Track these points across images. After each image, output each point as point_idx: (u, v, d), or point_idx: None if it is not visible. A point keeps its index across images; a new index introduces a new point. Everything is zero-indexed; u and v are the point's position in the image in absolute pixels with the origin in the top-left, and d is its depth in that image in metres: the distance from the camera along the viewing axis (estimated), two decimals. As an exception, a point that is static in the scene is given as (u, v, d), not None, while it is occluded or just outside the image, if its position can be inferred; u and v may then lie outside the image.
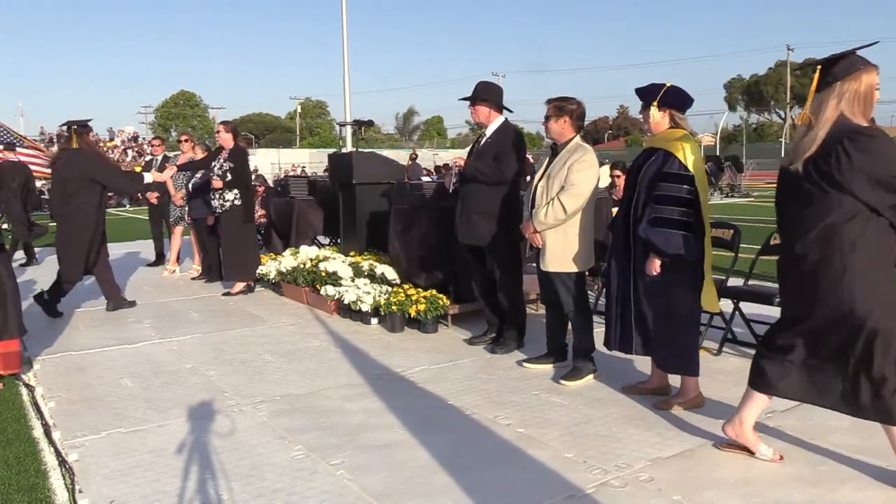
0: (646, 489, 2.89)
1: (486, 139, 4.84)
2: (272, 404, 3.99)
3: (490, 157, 4.73)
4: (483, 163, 4.73)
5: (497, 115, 4.85)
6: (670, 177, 3.63)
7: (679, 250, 3.56)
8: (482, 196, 4.73)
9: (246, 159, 7.27)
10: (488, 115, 4.82)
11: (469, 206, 4.78)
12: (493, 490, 2.90)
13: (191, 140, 8.91)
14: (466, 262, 5.09)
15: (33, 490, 2.99)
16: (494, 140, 4.79)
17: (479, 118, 4.86)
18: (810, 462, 3.12)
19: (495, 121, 4.84)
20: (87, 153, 6.34)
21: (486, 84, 4.91)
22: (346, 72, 16.16)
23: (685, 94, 3.82)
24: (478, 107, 4.82)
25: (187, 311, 6.53)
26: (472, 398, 4.03)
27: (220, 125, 7.38)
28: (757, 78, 65.15)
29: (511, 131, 4.84)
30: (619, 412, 3.78)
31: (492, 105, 4.81)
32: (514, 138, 4.80)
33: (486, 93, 4.83)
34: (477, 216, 4.74)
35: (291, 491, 2.93)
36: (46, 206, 25.55)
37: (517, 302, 4.99)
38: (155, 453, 3.33)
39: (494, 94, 4.86)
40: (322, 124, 75.50)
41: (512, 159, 4.72)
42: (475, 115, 4.87)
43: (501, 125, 4.85)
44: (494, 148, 4.75)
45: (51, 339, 5.56)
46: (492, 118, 4.83)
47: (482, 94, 4.81)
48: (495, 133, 4.81)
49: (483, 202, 4.72)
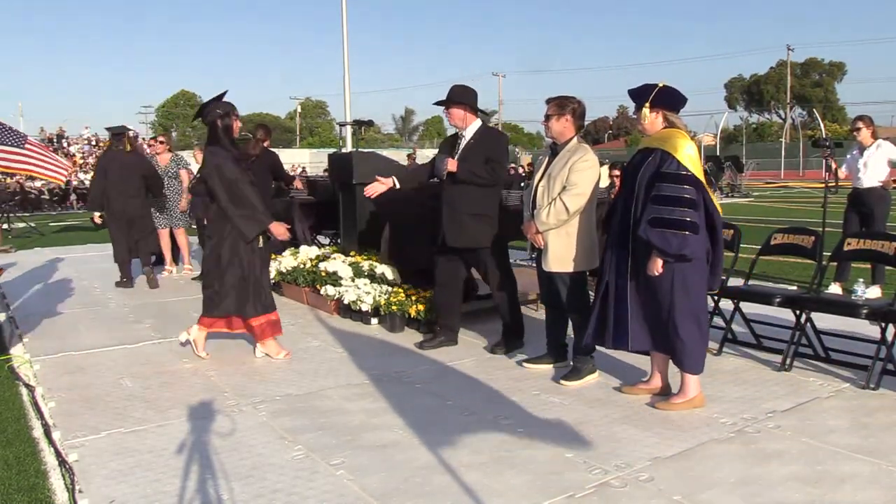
0: (646, 489, 2.89)
1: (468, 141, 4.84)
2: (272, 404, 3.99)
3: (479, 160, 4.74)
4: (477, 165, 4.74)
5: (473, 117, 4.86)
6: (669, 177, 3.63)
7: (680, 250, 3.56)
8: (473, 198, 4.73)
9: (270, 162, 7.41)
10: (464, 117, 4.82)
11: (460, 209, 4.77)
12: (493, 490, 2.90)
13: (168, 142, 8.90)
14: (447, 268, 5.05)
15: (33, 490, 2.99)
16: (478, 142, 4.80)
17: (454, 121, 4.87)
18: (810, 462, 3.12)
19: (472, 123, 4.85)
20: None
21: (461, 87, 4.90)
22: (347, 72, 16.14)
23: (677, 93, 3.82)
24: (453, 109, 4.82)
25: (187, 311, 6.53)
26: (472, 398, 4.02)
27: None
28: (757, 78, 65.17)
29: (495, 133, 4.91)
30: (619, 412, 3.78)
31: (467, 108, 4.82)
32: (502, 141, 4.90)
33: (462, 96, 4.83)
34: (469, 218, 4.75)
35: (291, 491, 2.93)
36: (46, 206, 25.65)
37: (515, 302, 5.01)
38: (155, 453, 3.32)
39: (469, 96, 4.86)
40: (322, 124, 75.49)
41: (505, 162, 4.83)
42: (451, 117, 4.87)
43: (482, 127, 4.88)
44: (481, 150, 4.76)
45: (51, 339, 5.56)
46: (468, 120, 4.84)
47: (458, 97, 4.82)
48: (477, 135, 4.83)
49: (475, 204, 4.73)
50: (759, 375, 4.37)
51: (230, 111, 4.70)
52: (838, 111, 60.20)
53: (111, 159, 7.91)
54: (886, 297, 5.23)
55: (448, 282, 5.07)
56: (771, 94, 63.02)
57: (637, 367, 4.40)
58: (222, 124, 4.66)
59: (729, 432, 3.47)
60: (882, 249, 4.48)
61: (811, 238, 4.81)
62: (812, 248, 4.78)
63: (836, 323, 4.74)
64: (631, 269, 3.83)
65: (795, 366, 4.45)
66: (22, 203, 22.29)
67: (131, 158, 7.90)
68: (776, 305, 4.58)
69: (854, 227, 6.72)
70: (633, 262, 3.82)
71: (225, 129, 4.66)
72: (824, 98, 60.72)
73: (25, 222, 16.60)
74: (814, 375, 4.34)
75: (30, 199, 24.28)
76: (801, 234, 4.92)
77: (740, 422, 3.60)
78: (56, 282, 8.37)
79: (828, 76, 62.34)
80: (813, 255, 4.77)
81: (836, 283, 6.61)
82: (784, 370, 4.41)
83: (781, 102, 61.68)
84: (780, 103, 62.18)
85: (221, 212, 4.62)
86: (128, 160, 7.83)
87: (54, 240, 13.98)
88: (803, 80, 61.88)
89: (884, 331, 4.11)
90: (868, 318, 4.18)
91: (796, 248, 4.90)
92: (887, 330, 4.10)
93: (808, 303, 4.48)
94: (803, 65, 62.16)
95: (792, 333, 4.50)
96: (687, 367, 3.75)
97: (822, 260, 4.76)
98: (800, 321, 4.48)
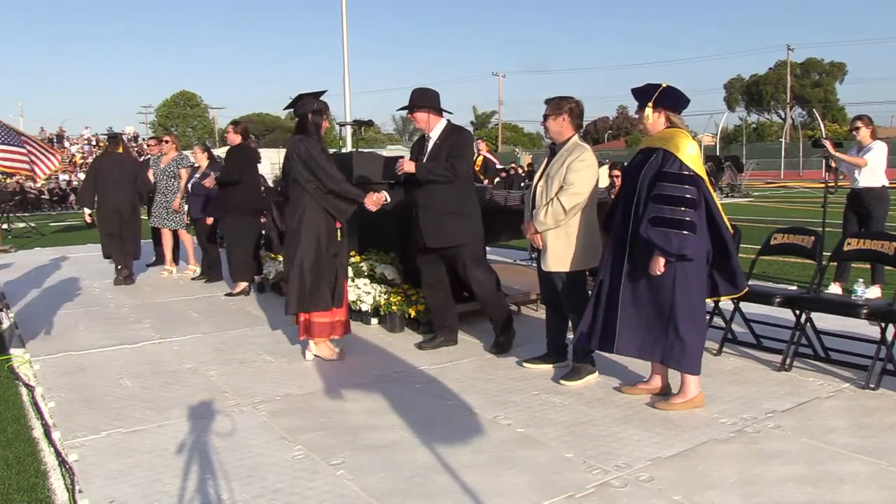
0: (646, 489, 2.90)
1: (435, 142, 4.87)
2: (272, 404, 3.99)
3: (443, 158, 4.77)
4: (435, 163, 4.77)
5: (437, 118, 4.90)
6: (671, 176, 3.63)
7: (681, 249, 3.56)
8: (446, 197, 4.74)
9: (239, 157, 7.14)
10: (427, 119, 4.86)
11: (435, 209, 4.78)
12: (493, 490, 2.90)
13: (174, 141, 8.89)
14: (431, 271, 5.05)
15: (33, 490, 2.99)
16: (444, 141, 4.84)
17: (419, 124, 4.93)
18: (810, 462, 3.12)
19: (437, 124, 4.88)
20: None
21: (422, 90, 4.93)
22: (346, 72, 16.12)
23: (681, 94, 3.83)
24: (416, 114, 4.87)
25: (187, 311, 6.54)
26: (472, 398, 4.03)
27: (230, 126, 7.42)
28: (757, 78, 65.13)
29: (458, 131, 4.92)
30: (619, 412, 3.78)
31: (430, 110, 4.86)
32: (463, 137, 4.89)
33: (422, 99, 4.87)
34: (445, 217, 4.76)
35: (291, 491, 2.93)
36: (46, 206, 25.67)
37: (498, 296, 5.00)
38: (155, 453, 3.32)
39: (430, 99, 4.89)
40: (322, 124, 75.26)
41: (464, 157, 4.82)
42: (416, 122, 4.93)
43: (446, 127, 4.90)
44: (446, 148, 4.81)
45: (51, 339, 5.56)
46: (432, 123, 4.88)
47: (418, 102, 4.85)
48: (443, 134, 4.86)
49: (449, 202, 4.75)
50: (758, 375, 4.37)
51: (323, 110, 4.78)
52: (838, 111, 60.15)
53: (104, 160, 8.43)
54: (886, 297, 5.24)
55: (435, 283, 5.08)
56: (771, 94, 63.01)
57: (637, 368, 4.40)
58: (313, 120, 4.75)
59: (729, 432, 3.47)
60: (882, 249, 4.49)
61: (811, 238, 4.81)
62: (812, 248, 4.79)
63: (836, 323, 4.74)
64: (627, 270, 3.82)
65: (795, 366, 4.46)
66: (22, 203, 22.30)
67: (123, 159, 8.42)
68: (776, 305, 4.59)
69: (853, 227, 6.72)
70: (631, 264, 3.81)
71: (315, 125, 4.75)
72: (824, 98, 60.68)
73: (25, 222, 16.61)
74: (814, 375, 4.34)
75: (30, 199, 24.30)
76: (800, 234, 4.93)
77: (740, 422, 3.60)
78: (56, 282, 8.38)
79: (828, 76, 62.30)
80: (813, 255, 4.78)
81: (836, 284, 6.61)
82: (784, 370, 4.41)
83: (781, 102, 61.67)
84: (780, 103, 62.18)
85: (311, 199, 4.64)
86: (120, 160, 8.29)
87: (54, 240, 13.99)
88: (803, 80, 61.86)
89: (884, 331, 4.11)
90: (868, 318, 4.19)
91: (796, 248, 4.91)
92: (887, 330, 4.10)
93: (808, 303, 4.48)
94: (803, 65, 62.14)
95: (792, 333, 4.50)
96: (687, 367, 3.75)
97: (822, 260, 4.76)
98: (800, 321, 4.48)
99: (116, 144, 8.54)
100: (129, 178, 8.20)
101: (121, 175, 8.09)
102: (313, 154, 4.62)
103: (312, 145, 4.68)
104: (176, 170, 8.45)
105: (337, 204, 4.67)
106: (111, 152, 8.46)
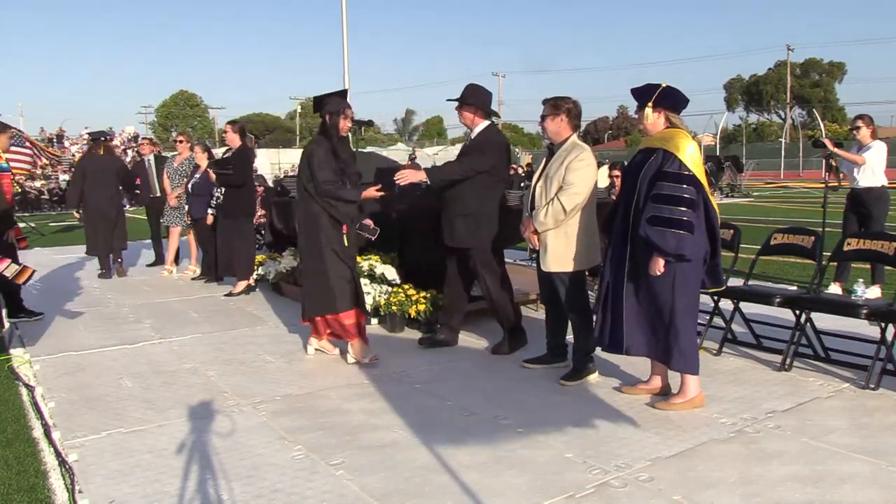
0: (646, 489, 2.90)
1: (469, 142, 4.86)
2: (272, 404, 3.99)
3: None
4: (445, 164, 4.76)
5: (482, 119, 4.82)
6: (670, 176, 3.63)
7: (678, 249, 3.56)
8: (464, 198, 4.74)
9: (247, 160, 7.27)
10: (472, 119, 4.82)
11: (451, 209, 4.80)
12: (492, 490, 2.90)
13: (187, 141, 8.94)
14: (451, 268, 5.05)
15: (33, 490, 2.99)
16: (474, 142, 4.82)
17: (462, 120, 4.90)
18: (810, 462, 3.12)
19: (479, 125, 4.83)
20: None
21: (474, 87, 4.87)
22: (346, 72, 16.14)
23: (680, 94, 3.83)
24: (462, 111, 4.83)
25: (187, 312, 6.53)
26: (472, 398, 4.03)
27: (228, 125, 7.41)
28: (757, 78, 65.15)
29: (492, 134, 4.83)
30: (619, 412, 3.77)
31: (476, 110, 4.80)
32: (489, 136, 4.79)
33: (472, 97, 4.81)
34: (457, 218, 4.77)
35: (291, 491, 2.93)
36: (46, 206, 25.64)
37: (505, 302, 4.96)
38: (155, 453, 3.32)
39: (481, 98, 4.84)
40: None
41: (480, 153, 4.72)
42: (461, 118, 4.89)
43: (485, 128, 4.83)
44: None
45: (51, 339, 5.56)
46: (476, 122, 4.82)
47: (468, 99, 4.81)
48: (478, 136, 4.82)
49: (464, 204, 4.74)
50: (758, 375, 4.37)
51: (342, 109, 4.76)
52: (838, 111, 60.16)
53: (89, 161, 8.64)
54: (886, 297, 5.24)
55: (451, 281, 5.07)
56: (770, 94, 63.02)
57: (637, 368, 4.40)
58: (331, 121, 4.74)
59: (729, 432, 3.47)
60: (882, 249, 4.49)
61: (811, 238, 4.82)
62: (812, 248, 4.79)
63: (836, 323, 4.74)
64: (629, 270, 3.83)
65: (795, 366, 4.46)
66: (22, 203, 22.29)
67: (106, 159, 8.62)
68: (776, 305, 4.59)
69: (853, 227, 6.72)
70: (632, 263, 3.82)
71: (332, 125, 4.75)
72: (824, 98, 60.70)
73: (25, 222, 16.59)
74: (814, 375, 4.34)
75: (30, 199, 24.29)
76: (800, 234, 4.93)
77: (740, 422, 3.60)
78: (56, 282, 8.37)
79: (827, 76, 62.31)
80: (813, 255, 4.78)
81: (836, 284, 6.61)
82: (784, 370, 4.41)
83: (781, 102, 61.68)
84: (780, 103, 62.18)
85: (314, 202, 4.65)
86: (103, 161, 8.52)
87: (54, 240, 13.98)
88: (803, 80, 61.87)
89: (883, 331, 4.11)
90: (868, 319, 4.19)
91: (796, 248, 4.91)
92: (887, 330, 4.10)
93: (807, 303, 4.48)
94: (803, 65, 62.15)
95: (792, 333, 4.50)
96: (686, 367, 3.75)
97: (822, 260, 4.76)
98: (800, 321, 4.48)
99: (98, 146, 8.66)
100: (113, 179, 8.43)
101: (105, 176, 8.32)
102: (315, 156, 4.62)
103: (319, 146, 4.67)
104: (189, 169, 8.45)
105: (336, 207, 4.64)
106: (95, 153, 8.63)
